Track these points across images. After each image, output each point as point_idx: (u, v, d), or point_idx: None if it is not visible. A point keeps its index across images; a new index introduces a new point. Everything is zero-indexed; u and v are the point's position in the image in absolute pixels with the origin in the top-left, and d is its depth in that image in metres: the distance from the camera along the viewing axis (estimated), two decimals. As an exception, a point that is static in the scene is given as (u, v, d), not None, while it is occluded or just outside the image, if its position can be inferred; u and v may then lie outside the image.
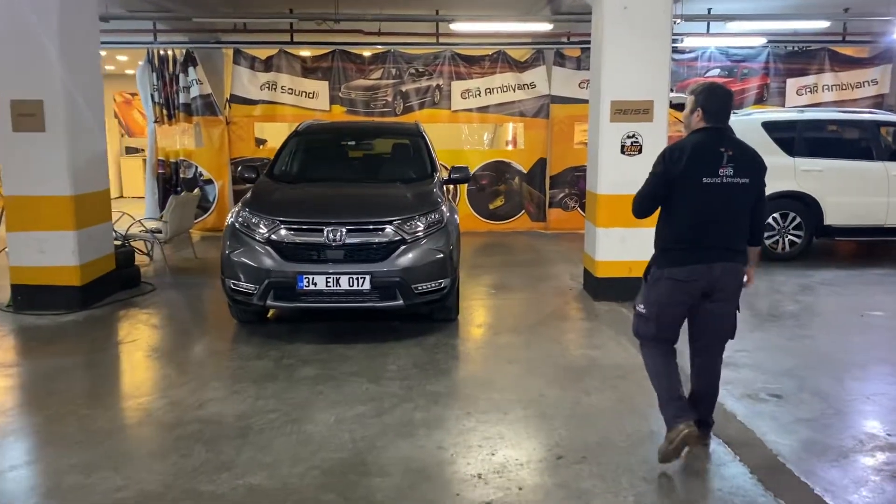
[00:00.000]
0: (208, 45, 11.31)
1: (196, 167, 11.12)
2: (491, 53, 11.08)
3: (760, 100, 11.39)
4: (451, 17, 10.02)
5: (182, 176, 11.17)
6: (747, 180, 3.44)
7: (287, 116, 11.03)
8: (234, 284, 5.47)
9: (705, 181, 3.40)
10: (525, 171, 11.26)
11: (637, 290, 3.73)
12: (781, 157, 8.32)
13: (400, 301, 5.39)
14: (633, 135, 6.54)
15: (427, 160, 6.74)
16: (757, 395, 4.49)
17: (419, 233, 5.52)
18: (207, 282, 7.50)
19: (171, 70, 11.01)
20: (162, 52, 10.98)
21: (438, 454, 3.70)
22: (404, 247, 5.43)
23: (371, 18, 10.03)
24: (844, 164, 8.53)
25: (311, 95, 11.08)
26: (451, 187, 10.29)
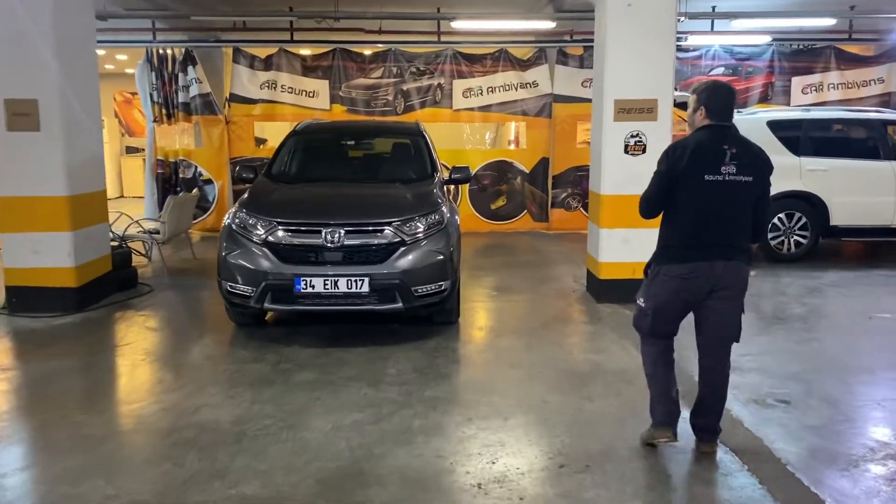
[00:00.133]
0: (208, 44, 11.23)
1: (195, 167, 11.04)
2: (493, 52, 10.98)
3: (765, 98, 11.27)
4: (453, 15, 9.91)
5: (181, 176, 11.09)
6: (750, 178, 3.42)
7: (287, 116, 10.93)
8: (231, 287, 5.38)
9: (707, 178, 3.38)
10: (527, 171, 11.17)
11: (641, 292, 3.73)
12: (787, 157, 8.21)
13: (399, 304, 5.29)
14: (637, 134, 6.44)
15: (427, 160, 6.64)
16: (764, 401, 4.39)
17: (419, 234, 5.42)
18: (206, 283, 7.40)
19: (171, 69, 10.93)
20: (161, 51, 10.89)
21: (437, 463, 3.60)
22: (404, 248, 5.33)
23: (371, 16, 9.95)
24: (851, 164, 8.42)
25: (312, 94, 10.99)
26: (453, 187, 10.19)
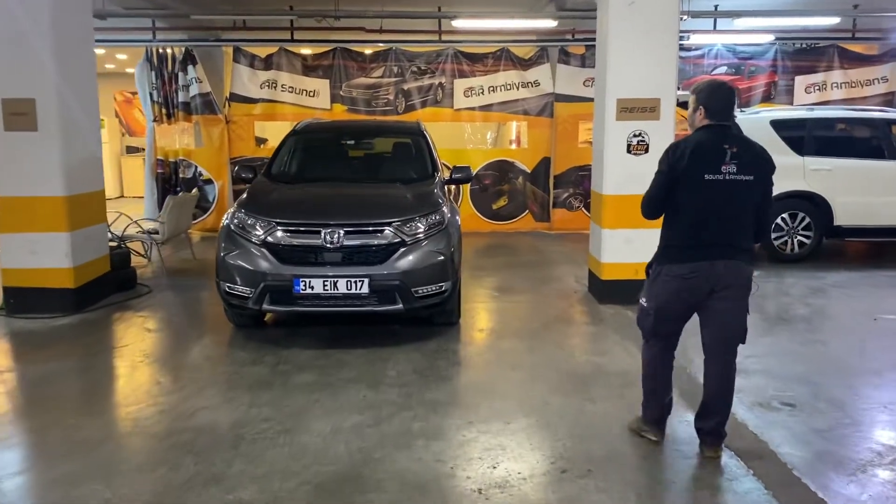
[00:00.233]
0: (207, 43, 11.18)
1: (195, 167, 10.98)
2: (494, 51, 10.92)
3: (768, 98, 11.20)
4: (454, 14, 9.86)
5: (181, 176, 11.04)
6: (751, 177, 3.40)
7: (287, 115, 10.87)
8: (230, 288, 5.33)
9: (707, 178, 3.37)
10: (529, 171, 11.11)
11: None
12: (790, 157, 8.15)
13: (399, 305, 5.23)
14: (640, 133, 6.38)
15: (428, 160, 6.59)
16: (769, 404, 4.33)
17: (419, 234, 5.37)
18: (205, 284, 7.34)
19: (170, 68, 10.86)
20: (161, 51, 10.83)
21: (437, 467, 3.54)
22: (404, 249, 5.28)
23: (372, 15, 9.89)
24: (855, 164, 8.35)
25: (312, 94, 10.94)
26: (454, 187, 10.14)
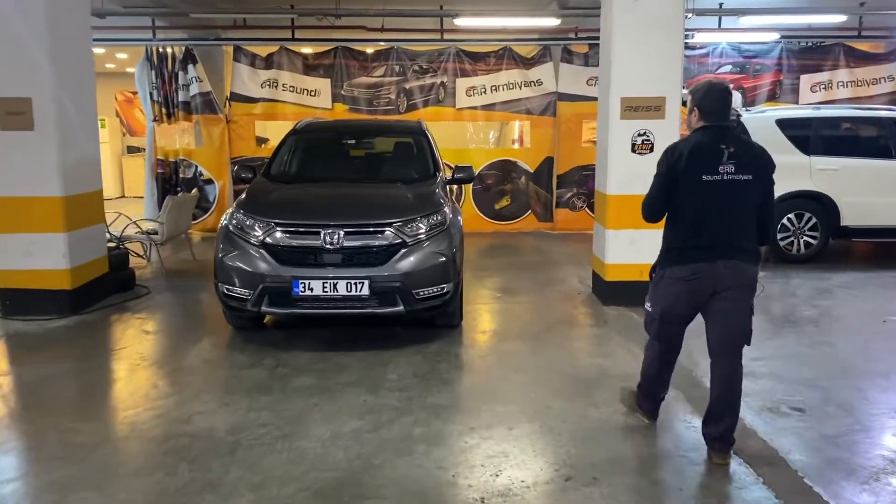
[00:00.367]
0: (208, 42, 11.11)
1: (196, 167, 10.92)
2: (496, 50, 10.84)
3: (773, 97, 11.10)
4: (456, 12, 9.78)
5: (182, 176, 10.97)
6: (750, 177, 3.39)
7: (288, 115, 10.79)
8: (228, 289, 5.25)
9: (705, 179, 3.37)
10: (531, 171, 11.02)
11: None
12: (796, 156, 8.07)
13: (400, 307, 5.15)
14: (645, 133, 6.29)
15: (430, 159, 6.50)
16: (778, 409, 4.24)
17: (421, 235, 5.28)
18: (204, 285, 7.26)
19: (170, 68, 10.79)
20: (161, 50, 10.76)
21: (438, 474, 3.46)
22: (405, 250, 5.19)
23: (374, 14, 9.83)
24: (861, 163, 8.26)
25: (313, 93, 10.86)
26: (456, 187, 10.05)
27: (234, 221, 5.40)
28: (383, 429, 3.96)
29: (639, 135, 6.30)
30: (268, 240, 5.18)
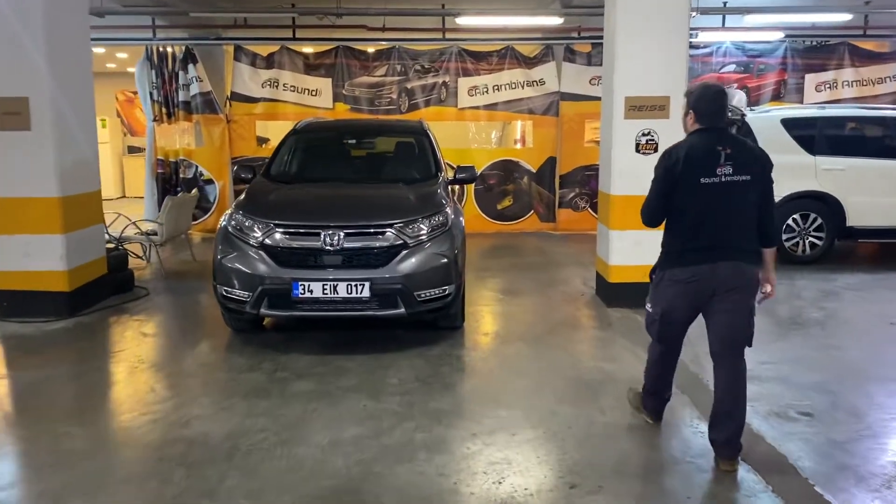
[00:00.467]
0: (208, 42, 11.04)
1: (196, 167, 10.85)
2: (499, 49, 10.76)
3: (778, 96, 11.00)
4: (458, 11, 9.71)
5: (182, 176, 10.90)
6: (748, 177, 3.38)
7: (289, 114, 10.71)
8: (227, 291, 5.17)
9: (703, 181, 3.36)
10: (534, 171, 10.94)
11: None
12: (802, 156, 7.99)
13: (402, 309, 5.07)
14: (649, 132, 6.21)
15: (431, 159, 6.42)
16: (786, 414, 4.15)
17: (422, 236, 5.21)
18: (204, 286, 7.18)
19: (171, 67, 10.72)
20: (161, 49, 10.69)
21: (440, 482, 3.38)
22: (406, 251, 5.12)
23: (375, 13, 9.75)
24: (867, 163, 8.16)
25: (314, 93, 10.79)
26: (458, 187, 9.97)
27: (234, 222, 5.33)
28: (384, 435, 3.89)
29: (643, 134, 6.22)
30: (267, 241, 5.11)
